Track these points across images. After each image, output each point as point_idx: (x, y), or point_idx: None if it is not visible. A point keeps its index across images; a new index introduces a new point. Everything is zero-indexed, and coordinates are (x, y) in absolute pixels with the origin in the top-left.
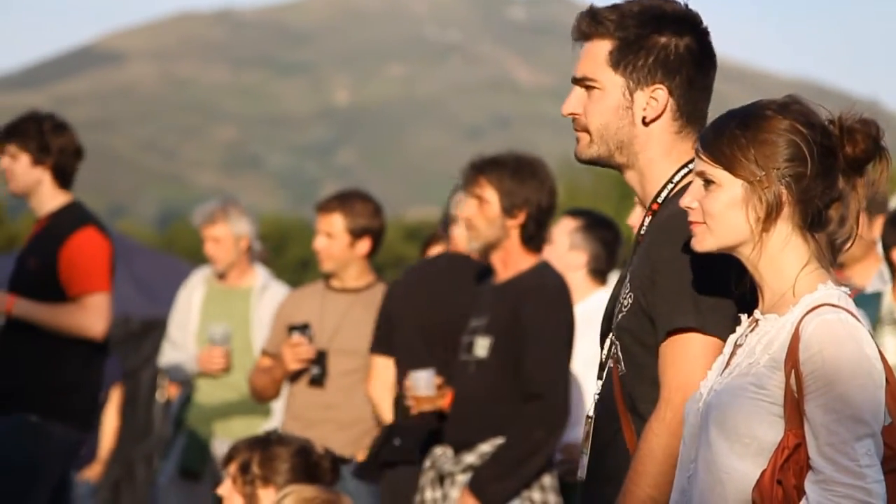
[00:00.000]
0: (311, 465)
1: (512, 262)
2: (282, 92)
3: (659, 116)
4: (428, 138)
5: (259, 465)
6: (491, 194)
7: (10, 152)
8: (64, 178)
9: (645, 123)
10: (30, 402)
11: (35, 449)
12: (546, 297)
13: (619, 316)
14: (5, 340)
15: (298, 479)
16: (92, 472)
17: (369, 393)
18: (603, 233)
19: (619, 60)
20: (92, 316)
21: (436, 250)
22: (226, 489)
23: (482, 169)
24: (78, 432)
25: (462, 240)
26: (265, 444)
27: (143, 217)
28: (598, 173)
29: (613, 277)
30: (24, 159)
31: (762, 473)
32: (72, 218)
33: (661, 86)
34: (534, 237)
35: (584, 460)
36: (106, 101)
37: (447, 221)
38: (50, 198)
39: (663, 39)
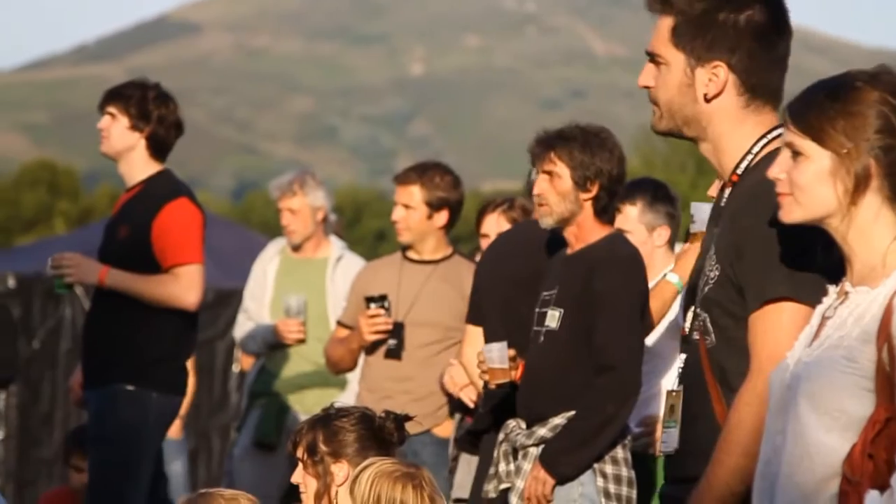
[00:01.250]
0: (376, 429)
1: (584, 234)
2: (357, 63)
3: (720, 93)
4: (503, 110)
5: (325, 442)
6: (562, 169)
7: (111, 113)
8: (159, 149)
9: (707, 100)
10: (124, 373)
11: (134, 418)
12: (618, 267)
13: (706, 288)
14: (96, 311)
15: (367, 447)
16: (174, 430)
17: (462, 361)
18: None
19: (679, 38)
20: (186, 287)
21: (490, 220)
22: (299, 476)
23: (551, 144)
24: (172, 399)
25: None
26: (326, 421)
27: (219, 189)
28: (674, 144)
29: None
30: (122, 122)
31: (853, 447)
32: (165, 187)
33: (720, 62)
34: (606, 208)
35: (671, 433)
36: (181, 72)
37: (531, 190)
38: (141, 166)
39: (722, 15)
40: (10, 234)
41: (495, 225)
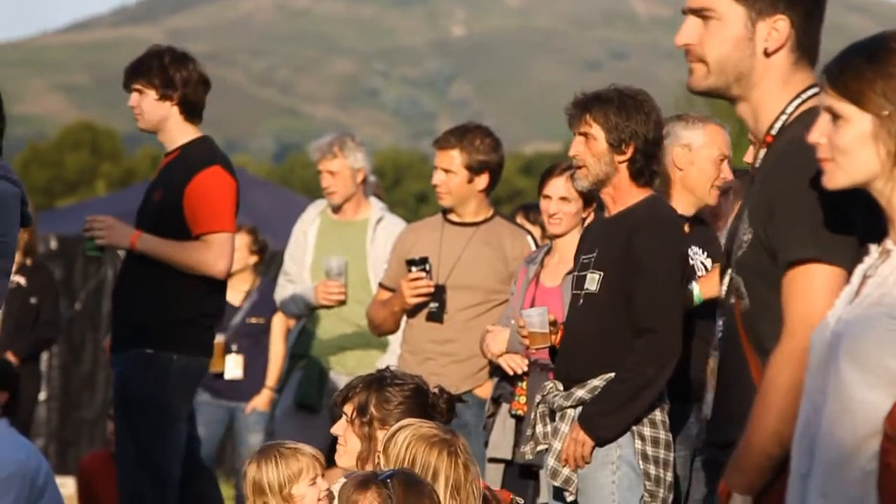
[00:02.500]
0: (427, 405)
1: (621, 197)
2: (398, 24)
3: (780, 48)
4: (544, 71)
5: (376, 407)
6: (598, 131)
7: (137, 89)
8: (191, 111)
9: (766, 55)
10: (145, 336)
11: (154, 381)
12: (658, 229)
13: (739, 252)
14: (124, 275)
15: (416, 414)
16: (260, 401)
17: None
18: None
19: None
20: (216, 255)
21: (556, 182)
22: (340, 428)
23: (587, 106)
24: (196, 361)
25: None
26: (381, 385)
27: (260, 151)
28: (715, 105)
29: None
30: (150, 95)
31: (894, 405)
32: (200, 155)
33: (783, 16)
34: (643, 171)
35: (709, 397)
36: (221, 33)
37: None
38: (179, 132)
39: None
40: (52, 196)
41: (562, 188)
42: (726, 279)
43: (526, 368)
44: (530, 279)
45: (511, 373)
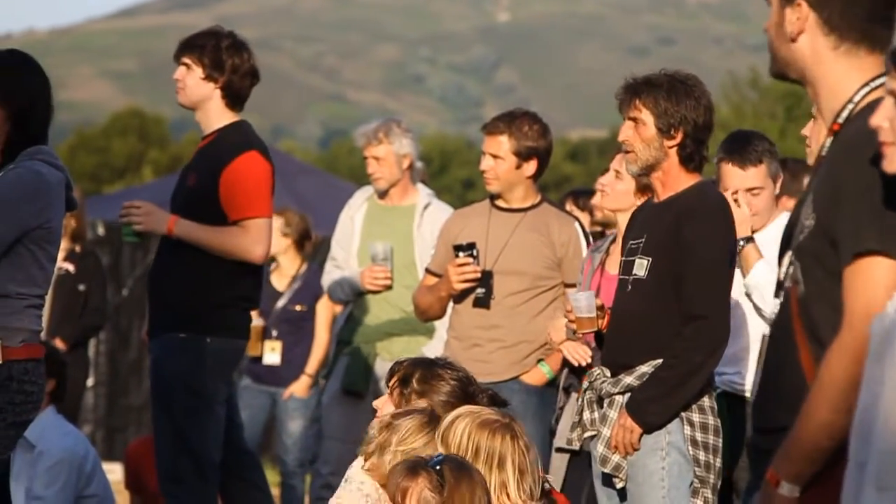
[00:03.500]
0: (469, 394)
1: (671, 182)
2: (443, 10)
3: (801, 32)
4: (590, 57)
5: (419, 381)
6: (647, 116)
7: (185, 63)
8: (234, 98)
9: (792, 40)
10: (178, 321)
11: (188, 366)
12: (707, 215)
13: (801, 237)
14: (159, 260)
15: (454, 404)
16: (298, 388)
17: None
18: None
19: None
20: (253, 240)
21: (618, 157)
22: (381, 401)
23: (637, 91)
24: (232, 343)
25: None
26: (430, 364)
27: (306, 137)
28: (763, 91)
29: None
30: (196, 72)
31: None
32: (237, 139)
33: (801, 1)
34: (692, 156)
35: (756, 379)
36: (268, 20)
37: None
38: (217, 116)
39: None
40: (100, 182)
41: (616, 163)
42: (785, 262)
43: (590, 360)
44: (596, 267)
45: (575, 363)
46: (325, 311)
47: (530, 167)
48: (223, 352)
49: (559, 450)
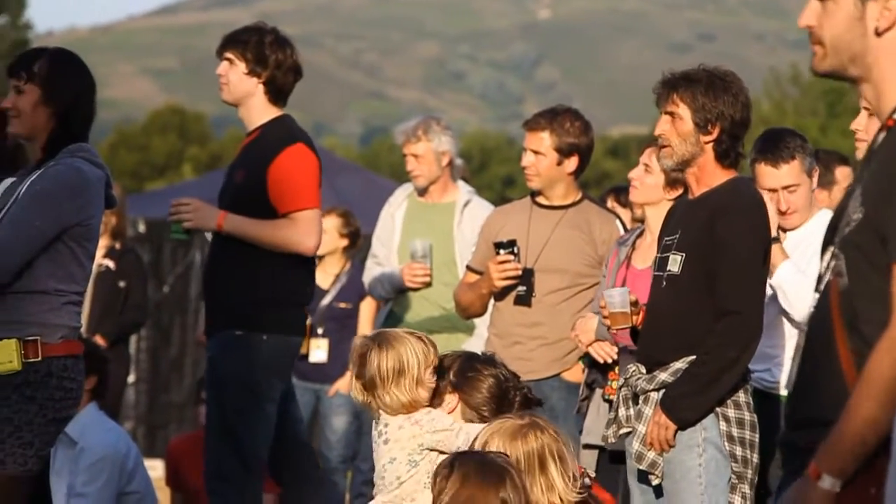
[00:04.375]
0: (503, 391)
1: (706, 178)
2: (483, 7)
3: (892, 26)
4: (631, 54)
5: (457, 374)
6: (684, 110)
7: (228, 59)
8: (277, 94)
9: (878, 34)
10: (234, 318)
11: (244, 363)
12: (741, 212)
13: (846, 230)
14: (212, 257)
15: (487, 402)
16: (344, 384)
17: None
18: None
19: None
20: (304, 232)
21: (647, 150)
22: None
23: (675, 85)
24: (287, 340)
25: None
26: (472, 358)
27: (347, 134)
28: (804, 88)
29: None
30: (239, 67)
31: None
32: (282, 133)
33: None
34: (728, 152)
35: (792, 373)
36: (309, 17)
37: None
38: (260, 111)
39: None
40: (140, 180)
41: (646, 156)
42: (828, 254)
43: (615, 357)
44: (621, 262)
45: (602, 361)
46: (369, 309)
47: (571, 164)
48: (280, 349)
49: (587, 446)
